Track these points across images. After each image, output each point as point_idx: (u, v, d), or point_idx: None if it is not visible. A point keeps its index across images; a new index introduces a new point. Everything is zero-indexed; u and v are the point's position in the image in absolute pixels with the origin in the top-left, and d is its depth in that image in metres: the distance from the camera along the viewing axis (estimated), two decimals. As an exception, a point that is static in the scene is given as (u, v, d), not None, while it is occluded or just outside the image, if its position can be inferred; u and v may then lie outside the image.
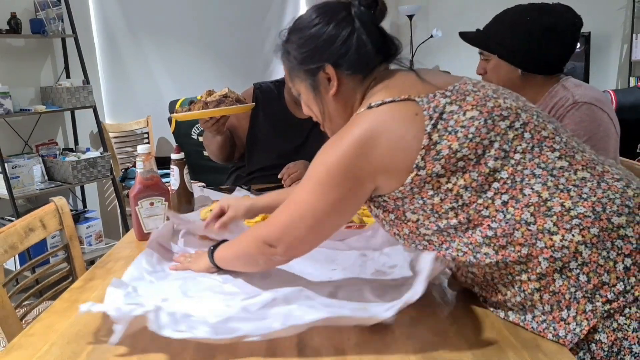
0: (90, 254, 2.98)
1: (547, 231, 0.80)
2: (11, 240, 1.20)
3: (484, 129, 0.84)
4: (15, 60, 2.95)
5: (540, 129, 0.87)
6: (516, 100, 0.91)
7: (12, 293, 1.17)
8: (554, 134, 0.88)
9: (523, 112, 0.88)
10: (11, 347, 0.88)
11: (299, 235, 0.90)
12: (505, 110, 0.87)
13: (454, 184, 0.83)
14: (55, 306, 1.01)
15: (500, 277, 0.86)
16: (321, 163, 0.88)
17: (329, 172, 0.86)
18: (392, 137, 0.84)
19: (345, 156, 0.85)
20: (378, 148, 0.84)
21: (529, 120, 0.88)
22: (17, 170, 2.77)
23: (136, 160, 1.32)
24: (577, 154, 0.87)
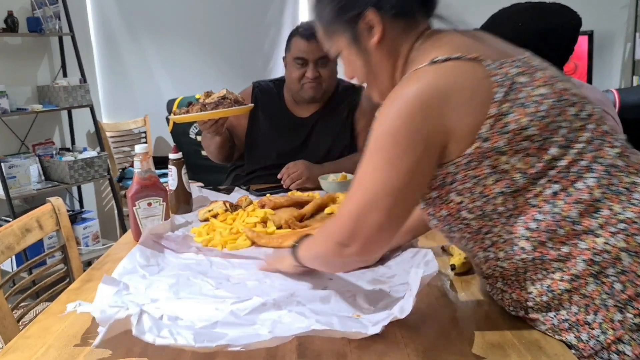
0: (87, 254, 2.96)
1: (591, 232, 0.76)
2: (7, 241, 1.19)
3: (555, 111, 0.78)
4: (12, 58, 2.94)
5: (601, 122, 0.82)
6: (579, 89, 0.85)
7: (8, 294, 1.16)
8: (612, 131, 0.83)
9: (587, 103, 0.83)
10: (7, 349, 0.87)
11: (375, 224, 0.78)
12: (573, 96, 0.81)
13: (512, 166, 0.77)
14: (52, 308, 1.01)
15: (532, 273, 0.81)
16: (383, 131, 0.78)
17: (396, 139, 0.76)
18: (460, 98, 0.76)
19: (411, 115, 0.76)
20: (446, 107, 0.76)
21: (593, 112, 0.82)
22: (14, 170, 2.76)
23: (134, 160, 1.31)
24: (633, 156, 0.82)
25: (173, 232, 1.31)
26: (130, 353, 0.81)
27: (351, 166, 1.73)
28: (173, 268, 1.12)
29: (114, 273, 1.07)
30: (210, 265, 1.13)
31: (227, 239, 1.26)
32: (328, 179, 1.66)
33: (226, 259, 1.17)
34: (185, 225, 1.40)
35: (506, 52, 0.83)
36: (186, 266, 1.13)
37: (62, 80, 3.00)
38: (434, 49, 0.82)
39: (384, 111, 0.79)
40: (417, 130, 0.76)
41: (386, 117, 0.78)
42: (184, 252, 1.21)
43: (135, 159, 1.31)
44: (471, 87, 0.77)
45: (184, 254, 1.20)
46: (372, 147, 0.79)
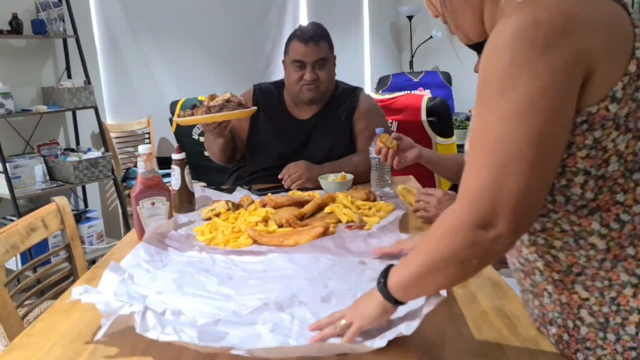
0: (91, 253, 2.98)
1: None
2: (13, 240, 1.20)
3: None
4: (17, 60, 2.96)
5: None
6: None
7: (13, 293, 1.17)
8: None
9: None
10: (12, 346, 0.88)
11: (520, 187, 0.60)
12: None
13: (615, 145, 0.63)
14: (57, 306, 1.02)
15: (593, 277, 0.67)
16: (505, 66, 0.60)
17: (530, 68, 0.59)
18: (602, 33, 0.61)
19: (545, 36, 0.59)
20: (587, 34, 0.60)
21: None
22: (19, 170, 2.77)
23: (137, 161, 1.33)
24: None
25: (176, 231, 1.33)
26: (135, 350, 0.82)
27: (351, 166, 1.76)
28: (177, 264, 1.13)
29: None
30: (214, 264, 1.15)
31: (229, 238, 1.27)
32: (328, 178, 1.68)
33: (228, 257, 1.18)
34: (188, 224, 1.42)
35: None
36: (189, 263, 1.14)
37: (67, 82, 3.02)
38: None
39: (495, 44, 0.61)
40: (556, 55, 0.59)
41: (504, 48, 0.60)
42: (187, 250, 1.22)
43: (139, 160, 1.32)
44: (616, 27, 0.63)
45: (187, 252, 1.21)
46: (489, 92, 0.62)
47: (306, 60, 1.80)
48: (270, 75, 4.08)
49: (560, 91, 0.60)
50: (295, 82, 1.83)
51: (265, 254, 1.19)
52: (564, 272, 0.69)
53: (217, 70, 3.90)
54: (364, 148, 1.83)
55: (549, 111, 0.60)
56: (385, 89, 4.57)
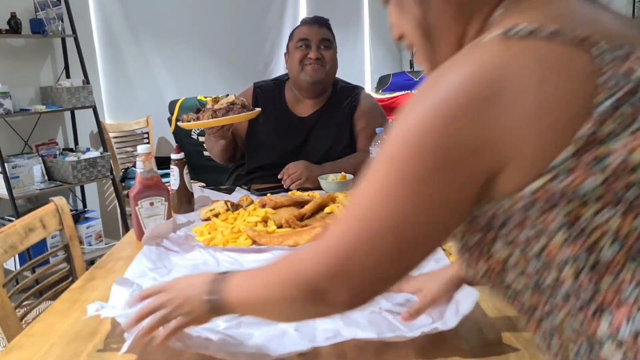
0: (90, 254, 2.97)
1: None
2: (11, 240, 1.20)
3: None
4: (15, 60, 2.95)
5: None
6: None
7: (12, 293, 1.17)
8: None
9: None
10: (11, 347, 0.88)
11: (372, 270, 0.54)
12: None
13: (597, 226, 0.48)
14: (56, 306, 1.01)
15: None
16: (405, 137, 0.51)
17: (421, 150, 0.50)
18: (532, 102, 0.47)
19: (451, 117, 0.48)
20: (506, 113, 0.47)
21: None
22: (17, 170, 2.77)
23: (136, 160, 1.32)
24: None
25: (175, 233, 1.32)
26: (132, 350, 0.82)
27: (350, 166, 1.75)
28: (182, 269, 1.12)
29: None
30: (218, 265, 1.14)
31: (229, 238, 1.27)
32: (328, 179, 1.67)
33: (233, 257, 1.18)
34: (187, 224, 1.41)
35: (633, 35, 0.52)
36: (194, 266, 1.13)
37: (65, 82, 3.01)
38: (525, 11, 0.53)
39: (412, 105, 0.51)
40: (455, 143, 0.49)
41: (412, 115, 0.51)
42: (189, 251, 1.22)
43: (137, 159, 1.32)
44: (558, 88, 0.48)
45: (189, 253, 1.21)
46: (384, 156, 0.52)
47: (311, 38, 1.85)
48: (270, 74, 4.08)
49: (449, 182, 0.50)
50: (299, 62, 1.84)
51: (269, 251, 1.19)
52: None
53: (217, 70, 3.89)
54: (365, 148, 1.83)
55: (428, 203, 0.51)
56: (386, 89, 4.57)
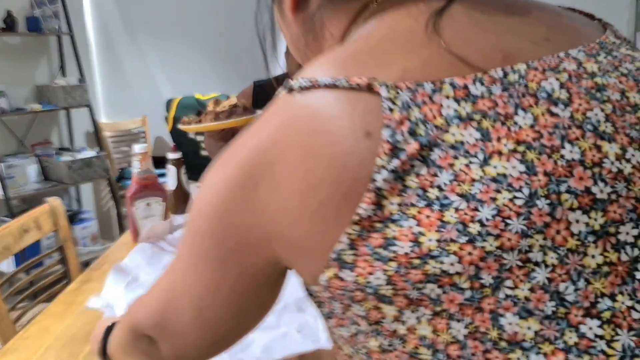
0: (85, 255, 2.95)
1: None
2: (5, 241, 1.18)
3: (517, 224, 0.35)
4: (11, 58, 2.93)
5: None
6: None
7: (6, 295, 1.16)
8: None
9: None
10: (6, 350, 0.87)
11: (182, 328, 0.49)
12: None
13: (406, 333, 0.37)
14: (51, 309, 1.00)
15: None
16: (197, 206, 0.45)
17: (203, 227, 0.44)
18: (301, 176, 0.38)
19: (226, 196, 0.41)
20: (275, 190, 0.39)
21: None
22: (12, 170, 2.75)
23: (132, 160, 1.31)
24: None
25: (172, 234, 1.31)
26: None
27: None
28: None
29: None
30: None
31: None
32: None
33: None
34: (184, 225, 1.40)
35: (493, 56, 0.39)
36: None
37: (61, 80, 2.99)
38: (356, 42, 0.43)
39: (214, 166, 0.44)
40: (230, 224, 0.41)
41: (210, 180, 0.44)
42: None
43: (134, 159, 1.30)
44: (331, 152, 0.36)
45: None
46: (189, 216, 0.46)
47: None
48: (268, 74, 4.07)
49: (222, 265, 0.43)
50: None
51: None
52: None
53: (214, 68, 3.88)
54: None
55: (207, 282, 0.45)
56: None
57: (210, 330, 0.48)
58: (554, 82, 0.38)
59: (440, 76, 0.37)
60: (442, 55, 0.38)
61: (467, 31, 0.40)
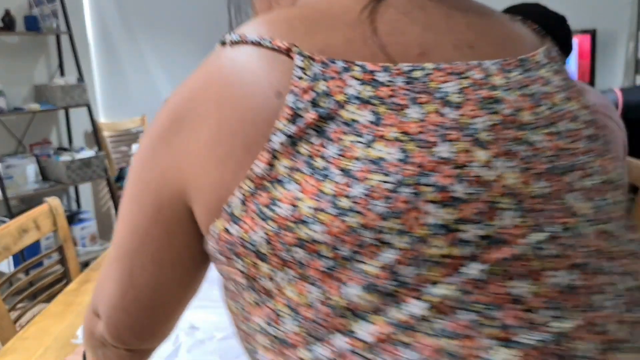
0: (84, 255, 2.95)
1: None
2: (4, 241, 1.18)
3: (381, 206, 0.37)
4: (9, 57, 2.92)
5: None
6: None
7: (5, 295, 1.15)
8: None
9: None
10: (5, 350, 0.86)
11: (108, 296, 0.49)
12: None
13: (276, 292, 0.39)
14: (50, 309, 1.00)
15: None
16: (138, 148, 0.47)
17: (135, 168, 0.46)
18: (213, 124, 0.40)
19: (156, 133, 0.44)
20: (190, 136, 0.41)
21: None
22: (11, 170, 2.74)
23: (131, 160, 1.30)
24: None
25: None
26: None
27: None
28: None
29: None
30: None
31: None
32: None
33: None
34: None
35: (407, 46, 0.41)
36: None
37: (60, 80, 2.98)
38: (299, 8, 0.45)
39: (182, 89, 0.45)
40: (152, 165, 0.44)
41: (153, 121, 0.45)
42: None
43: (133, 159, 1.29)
44: (243, 106, 0.39)
45: None
46: (137, 154, 0.48)
47: None
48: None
49: (145, 212, 0.44)
50: None
51: None
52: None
53: (212, 69, 3.88)
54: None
55: (131, 232, 0.45)
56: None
57: (133, 297, 0.47)
58: (454, 85, 0.40)
59: (356, 58, 0.40)
60: (365, 39, 0.41)
61: (398, 22, 0.42)
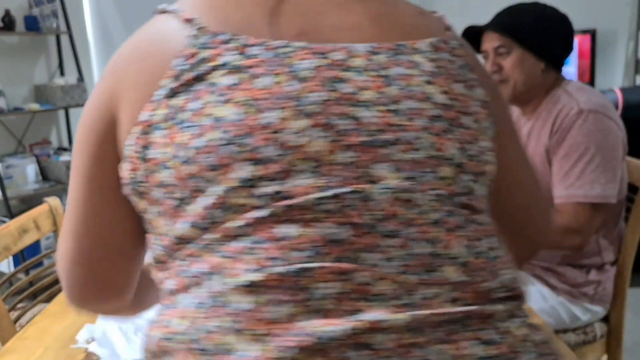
0: (85, 254, 2.95)
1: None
2: (4, 241, 1.17)
3: (212, 157, 0.44)
4: (9, 57, 2.92)
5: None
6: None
7: (5, 295, 1.15)
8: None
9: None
10: (5, 350, 0.86)
11: (68, 251, 0.55)
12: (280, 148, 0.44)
13: (153, 224, 0.50)
14: (50, 309, 1.00)
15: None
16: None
17: (83, 116, 0.53)
18: (135, 71, 0.49)
19: (101, 80, 0.53)
20: (122, 77, 0.50)
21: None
22: (11, 170, 2.74)
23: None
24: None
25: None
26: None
27: None
28: None
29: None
30: None
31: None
32: None
33: None
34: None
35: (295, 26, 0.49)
36: None
37: (60, 80, 2.98)
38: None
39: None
40: (97, 106, 0.51)
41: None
42: None
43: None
44: (151, 62, 0.48)
45: None
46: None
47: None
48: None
49: (86, 165, 0.52)
50: None
51: None
52: None
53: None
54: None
55: (83, 176, 0.52)
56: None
57: (88, 245, 0.53)
58: (310, 63, 0.46)
59: (246, 32, 0.47)
60: (261, 17, 0.48)
61: (295, 6, 0.49)
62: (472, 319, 0.43)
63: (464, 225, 0.46)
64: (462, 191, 0.47)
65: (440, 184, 0.46)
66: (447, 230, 0.45)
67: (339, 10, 0.50)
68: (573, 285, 1.28)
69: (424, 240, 0.44)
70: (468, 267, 0.45)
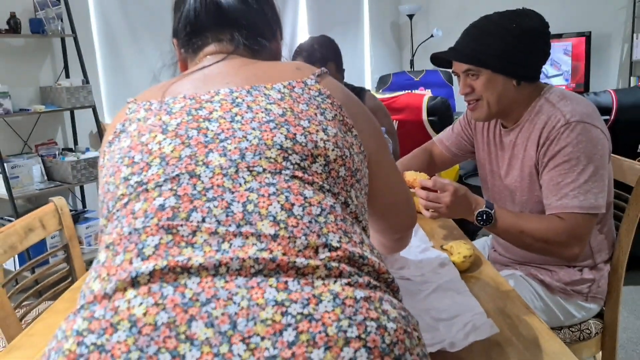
0: (89, 254, 2.97)
1: None
2: (10, 240, 1.19)
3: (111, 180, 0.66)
4: (15, 60, 2.95)
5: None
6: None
7: (11, 293, 1.17)
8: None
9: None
10: (12, 347, 0.88)
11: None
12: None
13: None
14: (56, 306, 1.01)
15: None
16: None
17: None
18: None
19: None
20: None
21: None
22: (17, 170, 2.77)
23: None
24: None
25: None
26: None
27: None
28: None
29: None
30: None
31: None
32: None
33: None
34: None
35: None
36: None
37: (65, 81, 3.01)
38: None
39: None
40: None
41: None
42: None
43: (137, 159, 1.31)
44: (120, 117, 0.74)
45: None
46: None
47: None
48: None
49: None
50: None
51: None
52: None
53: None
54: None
55: None
56: (386, 89, 4.57)
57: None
58: (181, 103, 0.69)
59: (154, 98, 0.72)
60: (160, 93, 0.74)
61: (182, 84, 0.75)
62: (280, 268, 0.53)
63: (282, 193, 0.59)
64: (289, 167, 0.61)
65: (264, 163, 0.61)
66: (261, 195, 0.59)
67: (217, 79, 0.73)
68: (567, 284, 1.29)
69: (241, 202, 0.58)
70: (280, 225, 0.56)
